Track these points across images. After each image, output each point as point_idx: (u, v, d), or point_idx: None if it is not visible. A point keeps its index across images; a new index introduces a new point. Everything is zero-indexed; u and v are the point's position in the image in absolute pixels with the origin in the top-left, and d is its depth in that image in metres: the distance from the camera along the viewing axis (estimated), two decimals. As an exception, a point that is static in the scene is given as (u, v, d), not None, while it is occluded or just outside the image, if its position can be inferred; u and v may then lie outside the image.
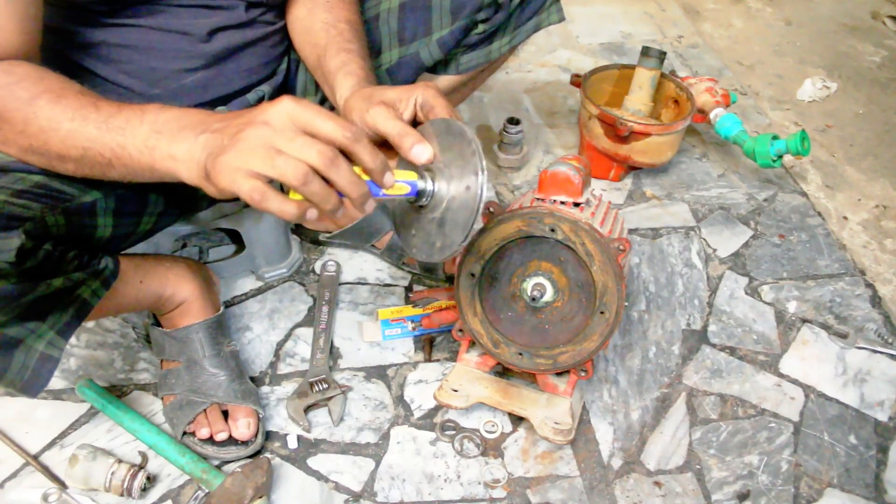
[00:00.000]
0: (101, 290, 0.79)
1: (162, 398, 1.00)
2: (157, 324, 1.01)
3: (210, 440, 0.96)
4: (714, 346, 1.17)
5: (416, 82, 1.05)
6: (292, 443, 0.99)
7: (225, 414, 0.97)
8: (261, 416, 0.98)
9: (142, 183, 0.80)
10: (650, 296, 1.23)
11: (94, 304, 0.78)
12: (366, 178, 0.64)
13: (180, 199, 0.92)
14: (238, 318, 1.15)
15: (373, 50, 1.01)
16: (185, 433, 0.96)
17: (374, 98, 0.75)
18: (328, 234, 1.24)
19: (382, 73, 1.02)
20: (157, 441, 0.95)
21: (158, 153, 0.64)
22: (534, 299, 0.93)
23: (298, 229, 1.27)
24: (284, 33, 0.97)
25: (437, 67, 1.07)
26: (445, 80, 1.09)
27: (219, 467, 0.95)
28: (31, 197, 0.68)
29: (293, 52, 1.00)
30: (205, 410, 0.96)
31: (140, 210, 0.84)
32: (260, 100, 0.92)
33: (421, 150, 0.69)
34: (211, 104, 0.89)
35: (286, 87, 1.00)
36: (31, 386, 0.75)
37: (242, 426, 0.96)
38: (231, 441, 0.96)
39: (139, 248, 1.02)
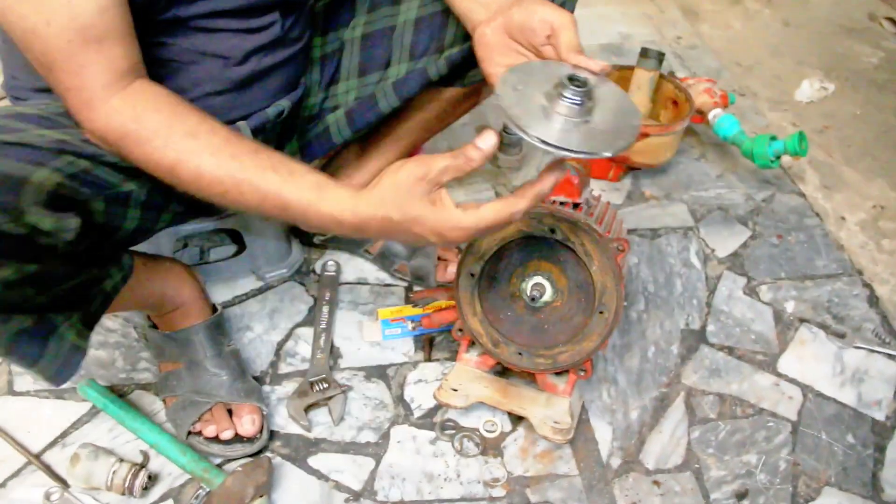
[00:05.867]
0: (120, 285, 0.80)
1: (163, 400, 1.01)
2: (153, 327, 1.02)
3: (216, 439, 0.96)
4: (712, 345, 1.17)
5: (419, 94, 1.05)
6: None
7: (228, 413, 0.98)
8: (265, 412, 0.99)
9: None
10: (649, 296, 1.23)
11: (114, 296, 0.79)
12: None
13: (199, 203, 0.93)
14: (239, 317, 1.16)
15: (381, 62, 1.01)
16: (189, 433, 0.97)
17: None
18: (322, 238, 1.25)
19: (388, 86, 1.01)
20: (159, 440, 0.96)
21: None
22: (533, 299, 0.93)
23: (296, 230, 1.27)
24: (307, 50, 0.97)
25: (441, 79, 1.06)
26: (450, 91, 1.08)
27: (220, 466, 0.95)
28: (80, 182, 0.69)
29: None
30: (210, 409, 0.97)
31: (164, 206, 0.84)
32: (279, 114, 0.92)
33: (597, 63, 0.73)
34: (231, 121, 0.87)
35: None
36: (60, 375, 0.76)
37: (247, 423, 0.96)
38: (237, 439, 0.96)
39: (139, 247, 1.02)
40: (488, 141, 0.68)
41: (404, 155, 1.16)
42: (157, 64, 0.78)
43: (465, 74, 1.05)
